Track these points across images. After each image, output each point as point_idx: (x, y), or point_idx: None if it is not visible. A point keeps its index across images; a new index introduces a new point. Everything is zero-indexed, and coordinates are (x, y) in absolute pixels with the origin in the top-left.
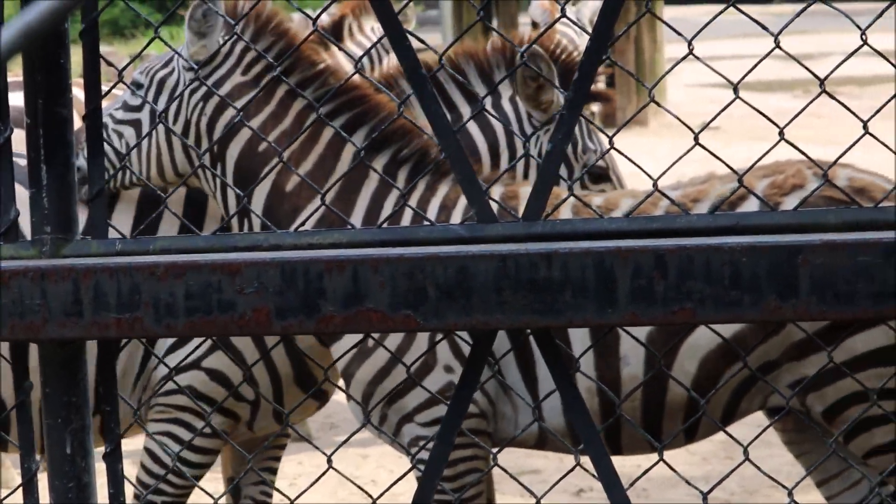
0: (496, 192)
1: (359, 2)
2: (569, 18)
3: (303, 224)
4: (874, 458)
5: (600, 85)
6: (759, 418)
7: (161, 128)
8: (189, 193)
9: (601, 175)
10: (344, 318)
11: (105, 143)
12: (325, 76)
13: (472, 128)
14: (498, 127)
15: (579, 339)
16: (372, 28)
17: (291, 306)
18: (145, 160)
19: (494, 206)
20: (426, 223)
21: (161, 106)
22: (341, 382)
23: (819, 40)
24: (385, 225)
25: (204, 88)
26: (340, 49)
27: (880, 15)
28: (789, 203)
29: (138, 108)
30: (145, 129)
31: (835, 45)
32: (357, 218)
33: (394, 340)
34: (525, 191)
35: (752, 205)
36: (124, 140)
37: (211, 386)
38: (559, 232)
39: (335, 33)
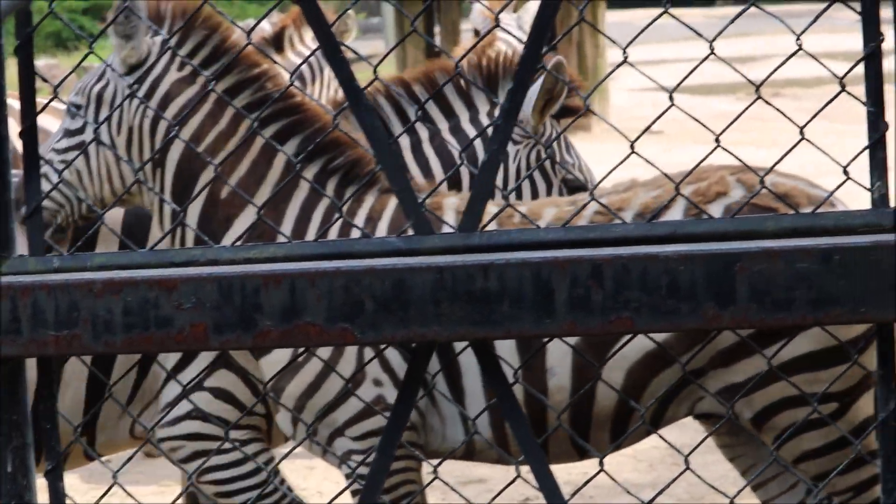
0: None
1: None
2: (503, 28)
3: (239, 238)
4: (804, 463)
5: (576, 100)
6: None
7: (106, 142)
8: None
9: (579, 188)
10: (281, 332)
11: (56, 174)
12: (263, 79)
13: (453, 143)
14: (477, 143)
15: (507, 352)
16: (313, 39)
17: (229, 321)
18: (97, 182)
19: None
20: (362, 236)
21: (105, 122)
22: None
23: (762, 42)
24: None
25: (142, 91)
26: (275, 62)
27: (815, 19)
28: (714, 210)
29: (80, 131)
30: (90, 149)
31: (778, 46)
32: (287, 227)
33: (323, 354)
34: (450, 202)
35: (677, 212)
36: (75, 168)
37: (216, 405)
38: (496, 243)
39: (276, 43)
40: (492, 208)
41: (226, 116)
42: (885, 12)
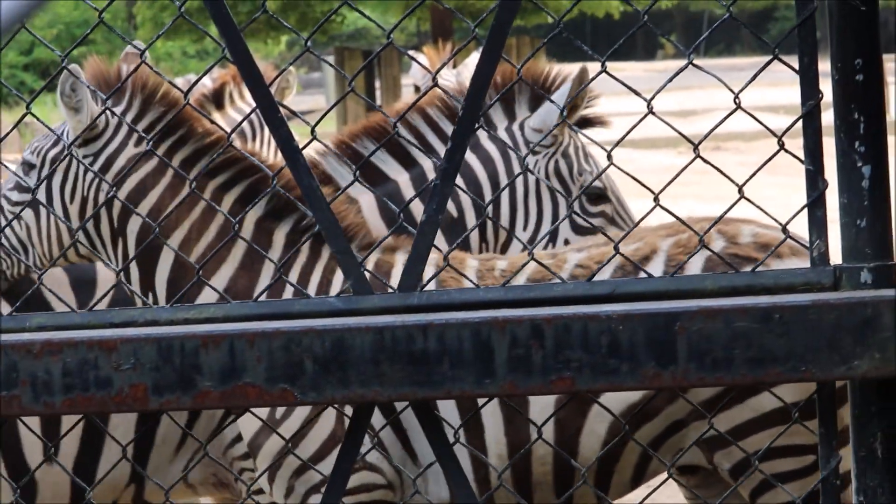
0: (370, 261)
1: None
2: (441, 88)
3: (261, 293)
4: None
5: (598, 109)
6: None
7: (58, 208)
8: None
9: (599, 195)
10: (221, 393)
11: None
12: (220, 144)
13: (472, 160)
14: (496, 158)
15: (490, 410)
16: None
17: (168, 382)
18: (46, 241)
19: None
20: (301, 296)
21: (56, 186)
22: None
23: (704, 95)
24: (265, 297)
25: (97, 163)
26: (212, 122)
27: (754, 77)
28: (695, 262)
29: (34, 192)
30: (42, 209)
31: (720, 100)
32: (263, 285)
33: (302, 413)
34: (401, 257)
35: (657, 264)
36: (23, 222)
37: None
38: (436, 303)
39: (216, 100)
40: (472, 262)
41: (187, 186)
42: (823, 65)
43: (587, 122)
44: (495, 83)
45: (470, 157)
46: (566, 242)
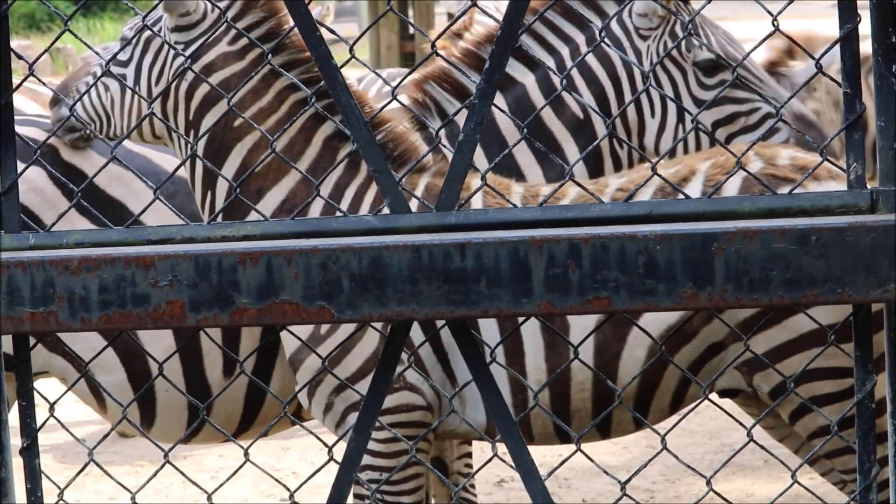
0: (422, 182)
1: None
2: (481, 9)
3: (297, 210)
4: (819, 438)
5: None
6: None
7: (143, 86)
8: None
9: (715, 66)
10: (258, 310)
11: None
12: (310, 63)
13: (590, 57)
14: (611, 52)
15: (531, 334)
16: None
17: (206, 299)
18: (127, 115)
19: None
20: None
21: (145, 65)
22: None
23: (737, 26)
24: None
25: (187, 52)
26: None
27: (791, 1)
28: (733, 182)
29: (124, 64)
30: (130, 83)
31: (752, 31)
32: (318, 204)
33: (346, 329)
34: (474, 182)
35: (696, 185)
36: (109, 93)
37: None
38: (473, 222)
39: None
40: (517, 188)
41: (269, 93)
42: None
43: None
44: None
45: (589, 57)
46: (692, 119)
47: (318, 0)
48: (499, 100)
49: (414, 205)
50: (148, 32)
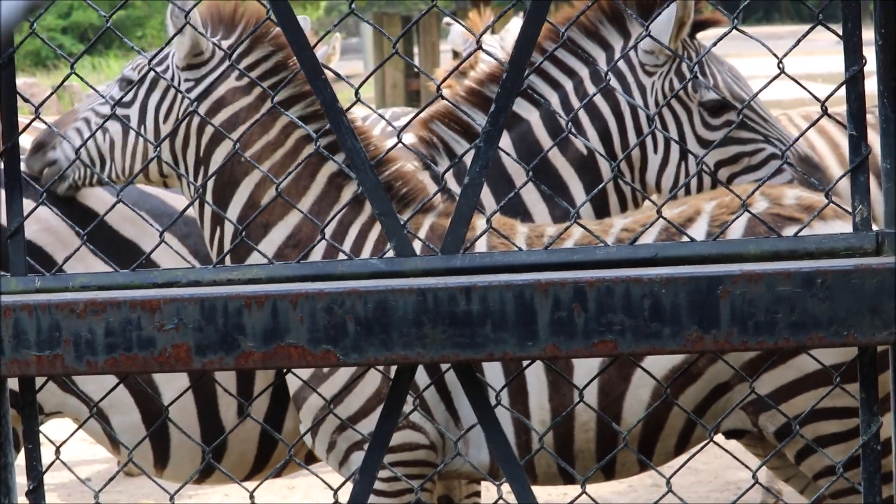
0: (427, 222)
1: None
2: (486, 51)
3: (302, 251)
4: (825, 478)
5: (707, 13)
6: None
7: (150, 126)
8: None
9: (721, 106)
10: (264, 353)
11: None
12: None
13: (596, 97)
14: (616, 87)
15: (535, 375)
16: None
17: (211, 342)
18: (130, 157)
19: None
20: (344, 257)
21: (152, 104)
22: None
23: (743, 64)
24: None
25: (197, 89)
26: (328, 69)
27: (798, 42)
28: (738, 223)
29: (127, 104)
30: (134, 124)
31: (758, 69)
32: (322, 241)
33: (349, 368)
34: (480, 223)
35: (701, 226)
36: (108, 135)
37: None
38: (478, 265)
39: None
40: (522, 228)
41: (276, 127)
42: (867, 34)
43: (700, 26)
44: (601, 8)
45: (592, 91)
46: (697, 162)
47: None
48: (504, 137)
49: (418, 246)
50: (157, 70)
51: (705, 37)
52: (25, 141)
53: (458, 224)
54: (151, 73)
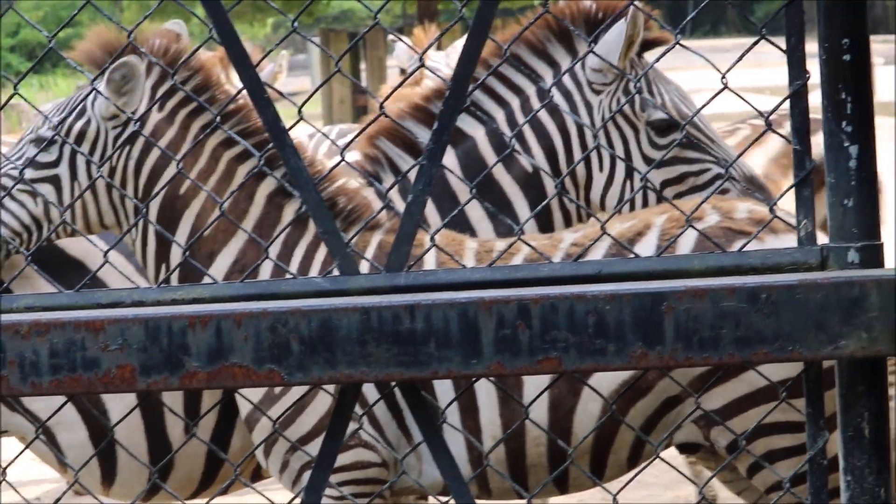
0: (375, 239)
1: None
2: (429, 69)
3: (247, 272)
4: (776, 492)
5: (656, 32)
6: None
7: (83, 181)
8: None
9: (668, 126)
10: (208, 373)
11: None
12: (243, 112)
13: (541, 112)
14: (562, 104)
15: (485, 390)
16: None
17: (156, 363)
18: (70, 214)
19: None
20: (289, 276)
21: (82, 158)
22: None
23: (690, 76)
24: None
25: (126, 133)
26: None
27: (741, 57)
28: (688, 237)
29: (53, 164)
30: (65, 183)
31: (705, 82)
32: (268, 263)
33: (300, 388)
34: (427, 240)
35: (651, 240)
36: (38, 199)
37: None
38: (422, 283)
39: None
40: (471, 244)
41: (205, 153)
42: (812, 46)
43: (648, 45)
44: (549, 26)
45: (540, 112)
46: (641, 178)
47: (271, 56)
48: (449, 153)
49: (365, 265)
50: (79, 124)
51: (651, 54)
52: None
53: (401, 242)
54: (76, 128)
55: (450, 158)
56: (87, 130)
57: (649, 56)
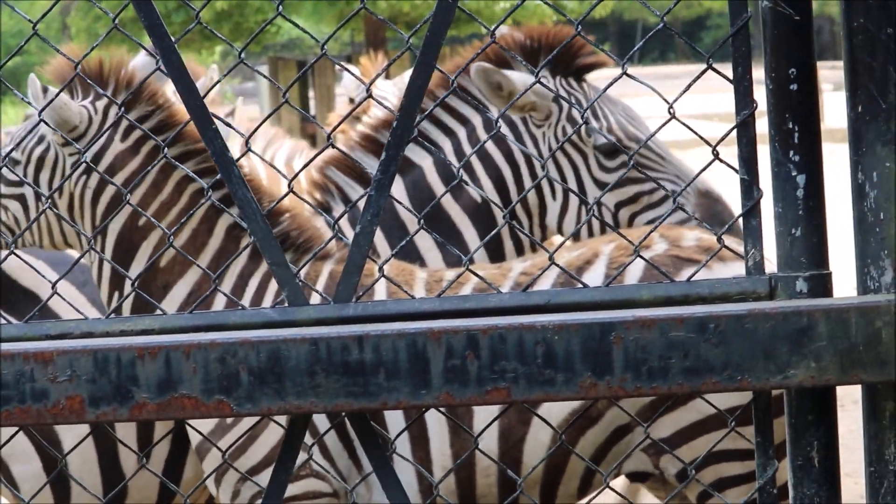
0: (326, 269)
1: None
2: (376, 99)
3: (197, 303)
4: None
5: (591, 57)
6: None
7: (45, 203)
8: None
9: (613, 150)
10: (158, 405)
11: None
12: (206, 152)
13: (489, 145)
14: (507, 134)
15: (436, 419)
16: (174, 92)
17: (105, 394)
18: (37, 232)
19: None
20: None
21: (44, 181)
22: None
23: (639, 103)
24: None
25: (81, 164)
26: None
27: (687, 88)
28: (636, 266)
29: (20, 184)
30: (30, 202)
31: (654, 109)
32: (222, 295)
33: (251, 418)
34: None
35: (599, 268)
36: (10, 213)
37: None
38: (371, 314)
39: None
40: (421, 274)
41: (169, 185)
42: (757, 73)
43: (587, 68)
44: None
45: (484, 138)
46: (598, 204)
47: (214, 88)
48: (397, 183)
49: (316, 297)
50: (38, 151)
51: (599, 77)
52: None
53: (350, 273)
54: (36, 154)
55: (398, 188)
56: (46, 157)
57: (592, 78)
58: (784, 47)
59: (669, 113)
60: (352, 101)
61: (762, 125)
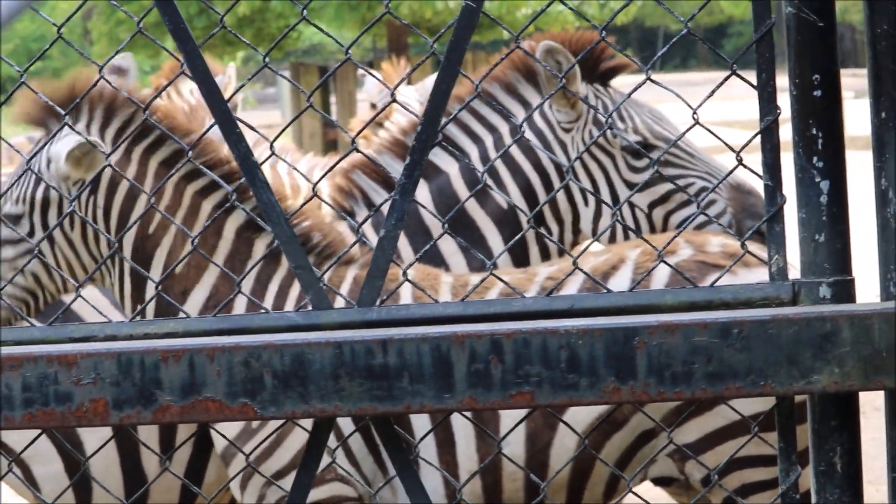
0: (350, 274)
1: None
2: (400, 104)
3: (220, 307)
4: None
5: (616, 59)
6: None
7: (61, 240)
8: None
9: (643, 147)
10: (181, 408)
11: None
12: (201, 146)
13: (514, 150)
14: (535, 143)
15: (462, 424)
16: (190, 91)
17: (129, 397)
18: (58, 277)
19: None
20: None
21: (52, 220)
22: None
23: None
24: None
25: (87, 186)
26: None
27: (712, 93)
28: (662, 271)
29: (29, 236)
30: (47, 251)
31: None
32: (242, 299)
33: (277, 421)
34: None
35: (625, 273)
36: (30, 272)
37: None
38: (395, 318)
39: None
40: (446, 278)
41: (168, 190)
42: (781, 80)
43: (611, 72)
44: (517, 65)
45: (513, 148)
46: (628, 206)
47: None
48: (422, 188)
49: (340, 300)
50: (40, 192)
51: (621, 84)
52: None
53: (374, 277)
54: (38, 196)
55: (423, 193)
56: (50, 196)
57: (614, 83)
58: (808, 53)
59: (693, 119)
60: (374, 106)
61: (785, 132)
